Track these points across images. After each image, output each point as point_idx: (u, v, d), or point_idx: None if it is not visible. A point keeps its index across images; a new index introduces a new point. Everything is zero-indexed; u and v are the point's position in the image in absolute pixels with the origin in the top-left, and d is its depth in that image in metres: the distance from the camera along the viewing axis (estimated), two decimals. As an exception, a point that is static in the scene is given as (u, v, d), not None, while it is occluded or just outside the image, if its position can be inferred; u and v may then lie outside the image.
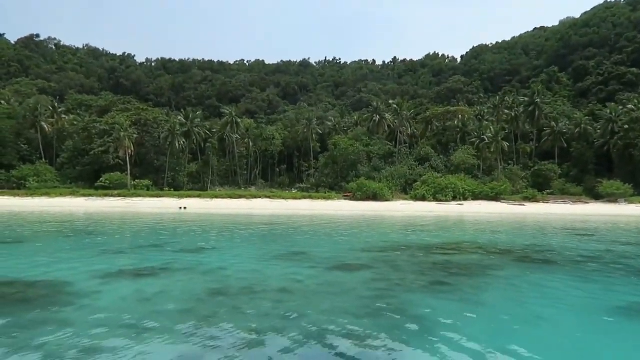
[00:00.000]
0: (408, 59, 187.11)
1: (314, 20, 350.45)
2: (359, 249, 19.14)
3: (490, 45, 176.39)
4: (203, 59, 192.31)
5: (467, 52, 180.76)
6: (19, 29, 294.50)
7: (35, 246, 18.73)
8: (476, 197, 61.96)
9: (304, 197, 63.62)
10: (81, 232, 24.66)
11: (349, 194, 65.63)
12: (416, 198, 62.28)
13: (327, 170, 79.18)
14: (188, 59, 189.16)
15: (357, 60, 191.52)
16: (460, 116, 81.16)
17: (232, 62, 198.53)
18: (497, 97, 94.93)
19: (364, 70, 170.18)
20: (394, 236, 26.61)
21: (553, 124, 78.34)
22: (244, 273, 13.36)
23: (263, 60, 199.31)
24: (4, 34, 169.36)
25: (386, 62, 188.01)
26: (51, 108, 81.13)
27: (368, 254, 17.62)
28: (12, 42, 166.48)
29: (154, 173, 78.30)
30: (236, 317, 8.81)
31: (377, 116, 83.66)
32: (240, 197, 63.86)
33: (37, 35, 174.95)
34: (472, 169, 71.93)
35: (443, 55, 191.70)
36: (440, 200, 59.94)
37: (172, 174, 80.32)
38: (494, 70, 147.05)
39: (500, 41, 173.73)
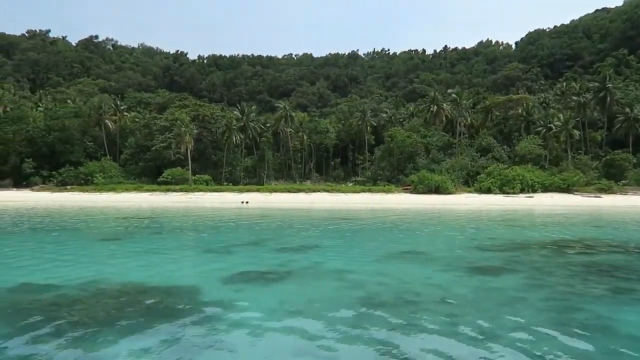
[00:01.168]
0: (460, 47, 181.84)
1: (360, 11, 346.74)
2: (473, 247, 17.97)
3: (547, 30, 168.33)
4: (252, 54, 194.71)
5: (522, 38, 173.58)
6: (79, 32, 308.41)
7: (137, 245, 18.16)
8: (546, 189, 58.78)
9: (363, 191, 62.56)
10: (170, 229, 24.39)
11: (408, 187, 63.97)
12: (481, 190, 59.85)
13: (383, 163, 77.66)
14: (238, 55, 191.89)
15: (406, 50, 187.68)
16: (524, 104, 77.32)
17: (280, 57, 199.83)
18: (564, 84, 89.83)
19: (415, 60, 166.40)
20: (497, 231, 25.18)
21: (627, 110, 73.22)
22: (376, 276, 12.38)
23: (311, 54, 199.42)
24: (65, 37, 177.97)
25: (437, 52, 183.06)
26: (114, 106, 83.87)
27: (491, 253, 16.43)
28: (74, 44, 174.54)
29: (212, 168, 79.45)
30: (428, 336, 7.68)
31: (435, 106, 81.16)
32: (298, 190, 63.58)
33: (96, 37, 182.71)
34: (539, 160, 68.40)
35: (497, 42, 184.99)
36: (507, 193, 57.25)
37: (229, 169, 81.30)
38: (553, 55, 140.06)
39: (558, 25, 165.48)
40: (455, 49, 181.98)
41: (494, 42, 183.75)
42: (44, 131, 76.15)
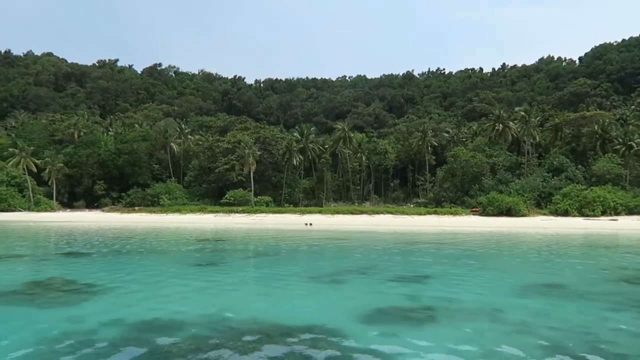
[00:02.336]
0: (519, 65, 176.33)
1: (413, 32, 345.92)
2: (616, 278, 15.76)
3: (615, 44, 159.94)
4: (307, 77, 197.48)
5: (586, 53, 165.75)
6: (144, 60, 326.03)
7: (237, 271, 16.74)
8: (630, 211, 54.39)
9: (428, 213, 60.43)
10: (257, 253, 23.21)
11: (476, 209, 61.23)
12: (557, 213, 56.21)
13: (446, 183, 75.19)
14: (293, 78, 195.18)
15: (462, 69, 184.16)
16: (599, 121, 72.83)
17: (334, 79, 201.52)
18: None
19: (473, 78, 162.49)
20: (619, 259, 22.60)
21: None
22: (539, 317, 10.71)
23: (365, 75, 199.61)
24: (132, 65, 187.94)
25: (495, 69, 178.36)
26: (178, 130, 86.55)
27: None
28: (139, 72, 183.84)
29: (272, 189, 79.84)
30: None
31: (500, 125, 78.10)
32: (361, 212, 62.34)
33: (160, 64, 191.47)
34: (618, 180, 63.75)
35: (559, 58, 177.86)
36: (587, 215, 53.39)
37: (288, 190, 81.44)
38: (624, 70, 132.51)
39: (627, 38, 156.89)
40: (515, 66, 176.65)
41: (555, 57, 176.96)
42: (114, 154, 79.53)
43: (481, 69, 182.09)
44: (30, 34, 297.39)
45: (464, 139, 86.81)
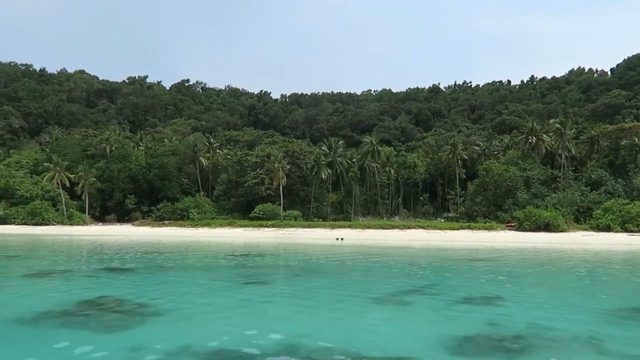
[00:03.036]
0: (549, 77, 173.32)
1: (438, 46, 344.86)
2: None
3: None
4: (332, 91, 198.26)
5: (618, 64, 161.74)
6: (172, 76, 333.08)
7: (291, 291, 15.28)
8: (678, 227, 51.83)
9: (462, 228, 58.88)
10: (302, 269, 21.65)
11: (512, 224, 59.36)
12: (598, 228, 53.98)
13: (478, 198, 73.33)
14: (318, 93, 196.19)
15: (490, 82, 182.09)
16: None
17: (359, 93, 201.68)
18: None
19: (501, 91, 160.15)
20: None
21: None
22: None
23: (390, 89, 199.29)
24: (160, 81, 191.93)
25: (524, 82, 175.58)
26: (207, 144, 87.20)
27: None
28: (167, 88, 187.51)
29: (300, 203, 79.34)
30: None
31: (533, 138, 76.12)
32: (392, 227, 61.14)
33: (187, 81, 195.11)
34: (662, 194, 61.03)
35: (590, 69, 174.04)
36: (632, 231, 51.07)
37: (316, 204, 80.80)
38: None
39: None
40: (544, 78, 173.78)
41: (586, 69, 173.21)
42: (145, 169, 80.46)
43: (509, 82, 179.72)
44: (63, 53, 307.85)
45: (495, 152, 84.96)
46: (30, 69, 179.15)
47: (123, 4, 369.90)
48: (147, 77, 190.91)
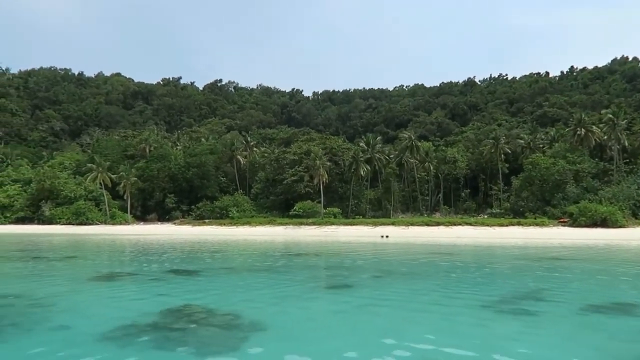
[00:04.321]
0: (590, 67, 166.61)
1: (471, 39, 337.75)
2: None
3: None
4: (364, 87, 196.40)
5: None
6: (205, 77, 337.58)
7: (385, 298, 12.95)
8: None
9: (512, 224, 56.53)
10: (378, 271, 19.34)
11: (564, 220, 56.71)
12: (659, 223, 50.94)
13: (524, 193, 70.58)
14: (350, 89, 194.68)
15: (527, 74, 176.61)
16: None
17: (391, 89, 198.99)
18: None
19: (540, 83, 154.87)
20: None
21: None
22: None
23: (422, 84, 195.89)
24: (194, 82, 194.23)
25: (564, 72, 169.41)
26: (244, 142, 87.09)
27: None
28: (201, 89, 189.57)
29: (338, 201, 78.24)
30: None
31: (582, 129, 72.75)
32: (437, 224, 59.30)
33: (220, 81, 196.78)
34: None
35: (634, 58, 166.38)
36: (698, 226, 47.93)
37: (355, 201, 79.59)
38: None
39: None
40: (585, 68, 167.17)
41: (631, 58, 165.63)
42: (184, 168, 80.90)
43: (547, 73, 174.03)
44: (99, 57, 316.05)
45: (540, 145, 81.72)
46: (69, 73, 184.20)
47: (155, 8, 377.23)
48: (180, 78, 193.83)
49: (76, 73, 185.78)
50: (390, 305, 11.39)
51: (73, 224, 72.96)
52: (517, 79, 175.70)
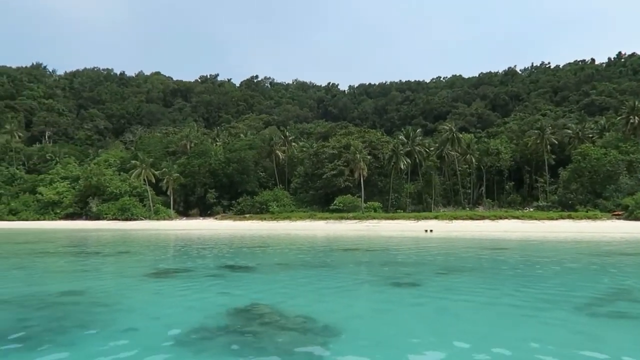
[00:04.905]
0: (639, 52, 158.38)
1: (510, 27, 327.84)
2: None
3: None
4: (400, 80, 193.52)
5: None
6: (241, 73, 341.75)
7: (458, 296, 11.90)
8: None
9: (562, 217, 54.37)
10: (442, 268, 18.20)
11: (618, 213, 54.09)
12: None
13: (573, 185, 67.79)
14: (386, 82, 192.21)
15: (571, 61, 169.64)
16: None
17: (428, 81, 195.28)
18: None
19: (586, 70, 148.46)
20: None
21: None
22: None
23: (460, 75, 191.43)
24: (230, 79, 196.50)
25: (612, 59, 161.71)
26: (282, 137, 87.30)
27: None
28: (237, 85, 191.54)
29: (378, 195, 77.42)
30: None
31: (635, 118, 69.20)
32: (482, 217, 57.72)
33: (256, 77, 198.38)
34: None
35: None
36: None
37: (395, 195, 78.54)
38: None
39: None
40: (634, 54, 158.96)
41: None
42: (224, 163, 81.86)
43: (593, 60, 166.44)
44: (139, 56, 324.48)
45: (590, 135, 78.27)
46: (112, 73, 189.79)
47: (190, 8, 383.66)
48: (218, 75, 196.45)
49: (118, 73, 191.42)
50: (471, 307, 10.41)
51: (119, 220, 74.97)
52: (560, 67, 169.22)
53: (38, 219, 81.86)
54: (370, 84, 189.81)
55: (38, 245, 34.20)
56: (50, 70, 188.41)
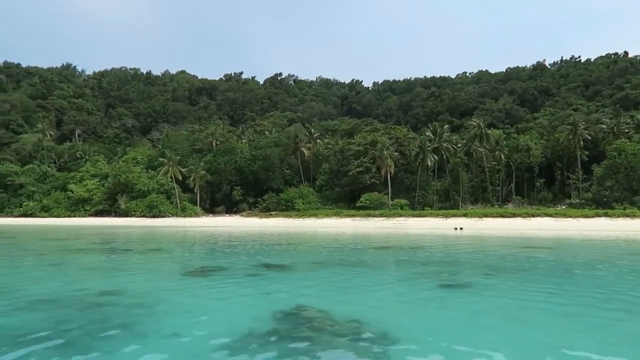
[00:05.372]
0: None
1: (536, 20, 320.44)
2: None
3: None
4: (424, 76, 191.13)
5: None
6: (265, 71, 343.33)
7: (534, 309, 10.29)
8: None
9: (597, 215, 52.50)
10: (491, 269, 17.27)
11: (658, 211, 51.99)
12: None
13: (609, 182, 65.57)
14: (410, 78, 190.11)
15: (603, 54, 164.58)
16: None
17: (453, 76, 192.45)
18: None
19: (620, 64, 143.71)
20: None
21: None
22: None
23: (487, 70, 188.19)
24: (254, 77, 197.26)
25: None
26: (308, 134, 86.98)
27: None
28: (261, 83, 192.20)
29: (404, 192, 76.43)
30: None
31: (675, 112, 66.45)
32: (514, 215, 56.22)
33: (280, 74, 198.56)
34: None
35: None
36: None
37: (422, 192, 77.39)
38: None
39: None
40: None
41: None
42: (250, 161, 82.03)
43: (626, 53, 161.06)
44: (165, 56, 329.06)
45: (626, 131, 75.58)
46: (138, 72, 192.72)
47: (213, 8, 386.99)
48: (242, 73, 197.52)
49: (144, 72, 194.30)
50: (537, 312, 9.47)
51: (147, 217, 75.92)
52: (591, 60, 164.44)
53: (69, 216, 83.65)
54: (394, 80, 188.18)
55: (71, 242, 34.67)
56: (80, 71, 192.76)
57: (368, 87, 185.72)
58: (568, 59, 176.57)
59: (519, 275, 15.16)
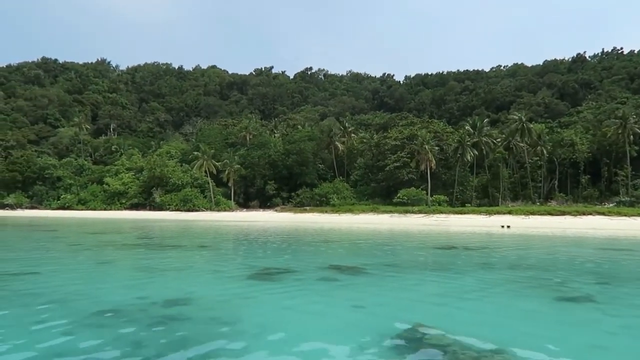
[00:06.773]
0: None
1: (570, 15, 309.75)
2: None
3: None
4: (458, 69, 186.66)
5: None
6: (295, 65, 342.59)
7: None
8: None
9: (656, 214, 49.44)
10: (586, 272, 15.87)
11: None
12: None
13: (663, 179, 62.07)
14: (443, 72, 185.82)
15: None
16: None
17: (487, 70, 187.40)
18: None
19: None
20: None
21: None
22: None
23: (523, 63, 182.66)
24: (284, 71, 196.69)
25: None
26: (342, 129, 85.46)
27: None
28: (291, 77, 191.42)
29: (442, 188, 74.22)
30: None
31: None
32: (562, 213, 53.59)
33: (310, 69, 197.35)
34: None
35: None
36: None
37: (460, 188, 75.02)
38: None
39: None
40: None
41: None
42: (283, 155, 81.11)
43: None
44: (196, 51, 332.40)
45: (682, 124, 71.37)
46: (171, 67, 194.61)
47: (243, 2, 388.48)
48: (272, 67, 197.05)
49: (176, 67, 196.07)
50: None
51: (181, 210, 75.92)
52: (635, 52, 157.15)
53: (105, 209, 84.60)
54: (426, 74, 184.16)
55: (113, 237, 34.21)
56: (114, 66, 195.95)
57: (399, 81, 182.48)
58: (609, 50, 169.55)
59: (632, 283, 13.09)
